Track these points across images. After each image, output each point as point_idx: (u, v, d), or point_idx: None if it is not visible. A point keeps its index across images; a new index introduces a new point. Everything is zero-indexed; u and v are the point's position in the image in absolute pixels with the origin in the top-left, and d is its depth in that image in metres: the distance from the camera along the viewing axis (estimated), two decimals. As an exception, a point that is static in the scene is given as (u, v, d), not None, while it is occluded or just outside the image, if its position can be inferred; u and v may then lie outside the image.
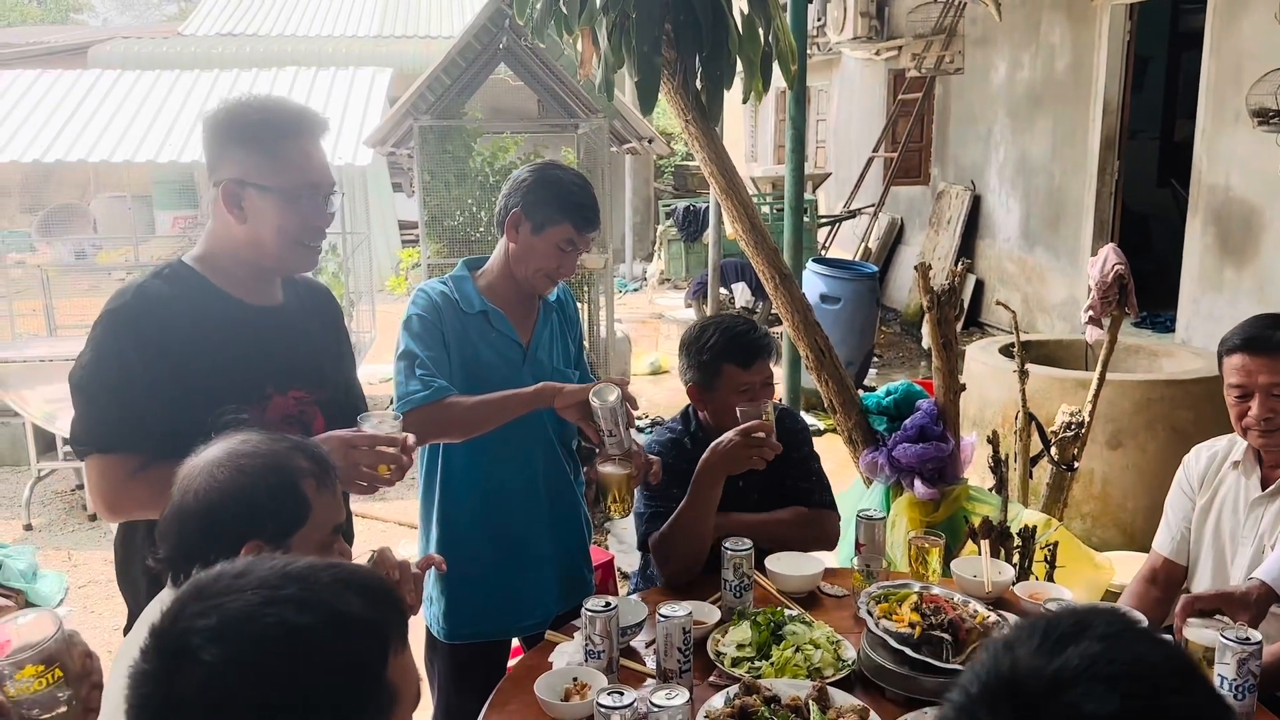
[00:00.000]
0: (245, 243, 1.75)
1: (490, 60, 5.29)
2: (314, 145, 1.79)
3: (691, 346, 2.31)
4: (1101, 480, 4.32)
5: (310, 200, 1.76)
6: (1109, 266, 3.47)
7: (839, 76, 12.35)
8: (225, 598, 0.87)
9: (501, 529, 2.18)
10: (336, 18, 14.67)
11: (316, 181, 1.77)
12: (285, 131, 1.74)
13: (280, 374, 1.78)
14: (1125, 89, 7.08)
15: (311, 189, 1.76)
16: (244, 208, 1.73)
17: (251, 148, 1.72)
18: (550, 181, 2.14)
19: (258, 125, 1.73)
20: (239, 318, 1.76)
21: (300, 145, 1.76)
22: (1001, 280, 8.64)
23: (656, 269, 11.36)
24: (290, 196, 1.74)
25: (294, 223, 1.75)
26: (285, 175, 1.73)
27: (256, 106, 1.75)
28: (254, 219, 1.73)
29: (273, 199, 1.72)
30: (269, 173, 1.72)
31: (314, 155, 1.79)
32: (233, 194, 1.73)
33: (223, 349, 1.71)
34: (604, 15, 2.97)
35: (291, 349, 1.82)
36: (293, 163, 1.74)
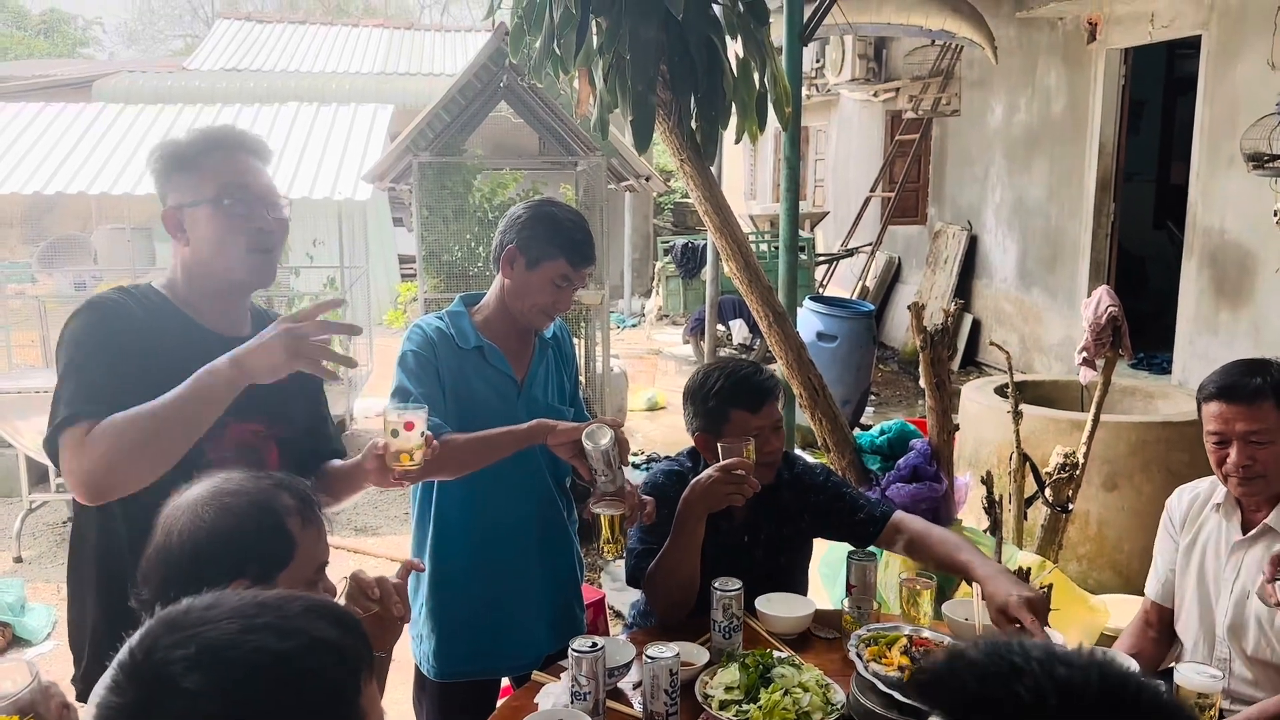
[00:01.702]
0: (194, 265, 1.73)
1: (491, 98, 5.35)
2: (243, 157, 1.75)
3: (697, 394, 2.28)
4: (1097, 522, 4.30)
5: (242, 202, 1.71)
6: (1102, 308, 3.48)
7: (837, 117, 12.46)
8: (201, 628, 0.86)
9: (493, 566, 2.16)
10: (340, 54, 14.84)
11: (244, 183, 1.73)
12: (209, 147, 1.73)
13: (239, 404, 1.68)
14: (1121, 132, 7.15)
15: (239, 190, 1.71)
16: (186, 230, 1.71)
17: (182, 170, 1.71)
18: (545, 218, 2.15)
19: (184, 147, 1.72)
20: (201, 343, 1.70)
21: (225, 155, 1.73)
22: (998, 320, 8.67)
23: (654, 305, 11.39)
24: (217, 202, 1.70)
25: (228, 227, 1.71)
26: (206, 186, 1.70)
27: (190, 135, 1.75)
28: (194, 238, 1.71)
29: (203, 210, 1.69)
30: (196, 187, 1.70)
31: (241, 162, 1.74)
32: (173, 220, 1.71)
33: (181, 369, 1.63)
34: (600, 56, 3.00)
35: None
36: (216, 170, 1.71)
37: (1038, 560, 3.23)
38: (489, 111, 5.66)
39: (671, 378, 8.89)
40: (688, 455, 2.41)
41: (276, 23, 16.87)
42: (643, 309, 12.12)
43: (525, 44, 3.06)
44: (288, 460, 1.80)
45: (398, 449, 1.72)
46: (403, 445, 1.72)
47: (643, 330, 11.39)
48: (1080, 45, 7.21)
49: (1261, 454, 2.03)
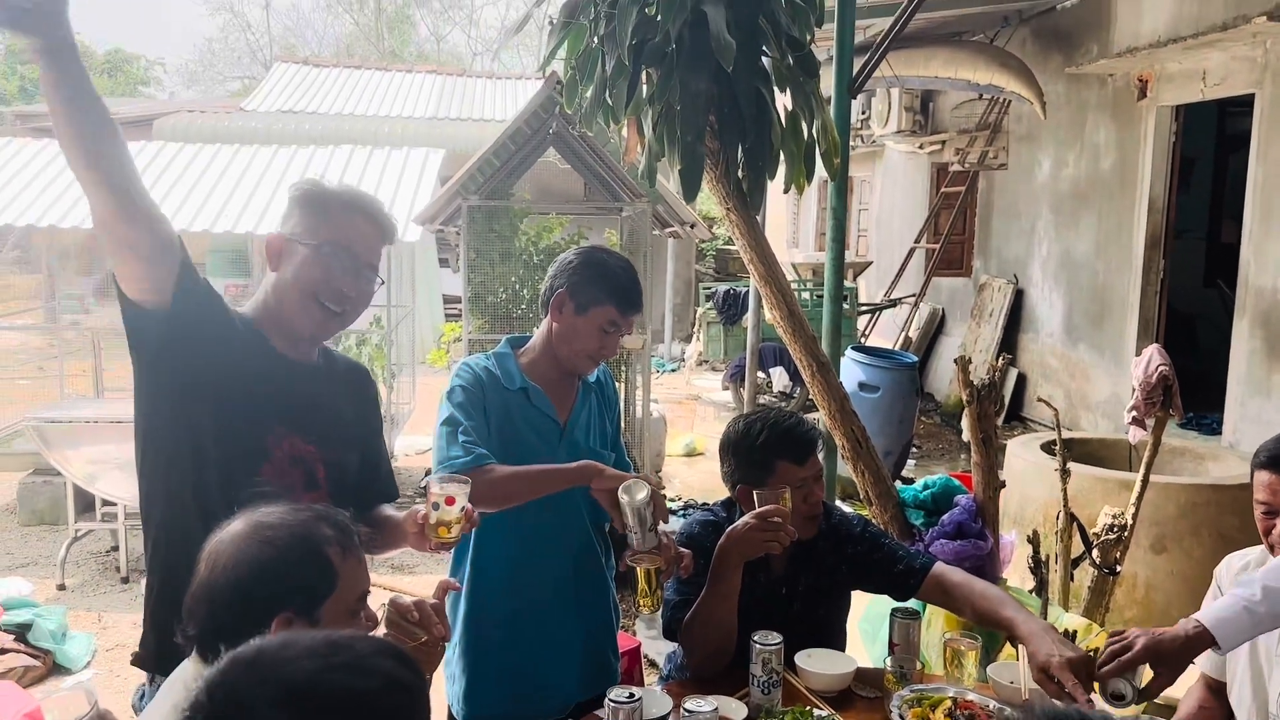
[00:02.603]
0: (274, 292, 1.82)
1: (540, 144, 5.43)
2: (365, 222, 1.85)
3: (739, 445, 2.25)
4: (1145, 585, 4.20)
5: (338, 260, 1.80)
6: (1153, 367, 3.42)
7: (882, 167, 12.47)
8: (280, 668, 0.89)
9: (530, 610, 2.16)
10: (393, 99, 15.16)
11: (349, 245, 1.82)
12: (342, 203, 1.83)
13: (294, 420, 1.81)
14: (1171, 189, 7.08)
15: (342, 250, 1.81)
16: (281, 259, 1.81)
17: (313, 210, 1.82)
18: (596, 264, 2.17)
19: (329, 194, 1.84)
20: (270, 359, 1.81)
21: (350, 215, 1.83)
22: (1044, 375, 8.56)
23: (695, 350, 11.39)
24: (318, 250, 1.79)
25: (314, 276, 1.79)
26: (322, 234, 1.80)
27: (331, 184, 1.88)
28: (283, 269, 1.81)
29: (303, 250, 1.79)
30: (309, 231, 1.80)
31: (360, 227, 1.84)
32: (276, 244, 1.82)
33: (246, 377, 1.76)
34: (649, 106, 3.04)
35: (312, 404, 1.85)
36: (335, 225, 1.81)
37: (1084, 623, 3.14)
38: (538, 157, 5.75)
39: (710, 423, 8.86)
40: (723, 505, 2.39)
41: (332, 67, 17.31)
42: (683, 354, 12.13)
43: (579, 93, 3.11)
44: (334, 485, 1.84)
45: (438, 521, 1.76)
46: (443, 518, 1.76)
47: (682, 375, 11.39)
48: (1130, 102, 7.17)
49: (1309, 526, 1.97)
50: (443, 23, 33.87)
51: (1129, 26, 7.10)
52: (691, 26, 2.86)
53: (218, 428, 1.72)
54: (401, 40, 32.49)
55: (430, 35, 33.86)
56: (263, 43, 33.99)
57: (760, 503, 2.10)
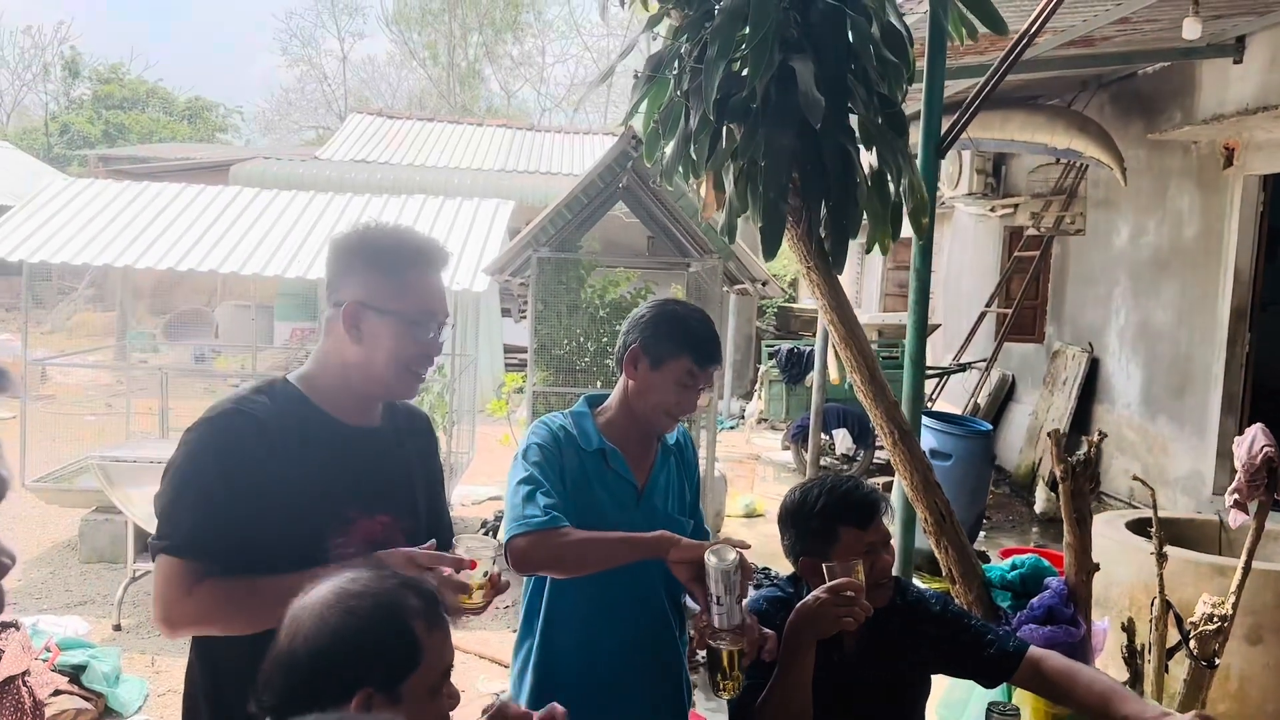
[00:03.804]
0: (356, 364, 1.74)
1: (610, 198, 5.41)
2: (437, 276, 1.80)
3: (798, 514, 2.13)
4: (1239, 678, 3.94)
5: (426, 328, 1.76)
6: (1258, 448, 3.22)
7: (950, 230, 12.31)
8: None
9: (601, 688, 2.05)
10: (464, 151, 15.44)
11: (435, 310, 1.78)
12: (413, 260, 1.76)
13: (368, 497, 1.74)
14: (1258, 260, 6.83)
15: (430, 317, 1.76)
16: (361, 329, 1.73)
17: (378, 271, 1.73)
18: (669, 316, 2.10)
19: (387, 251, 1.75)
20: (333, 436, 1.74)
21: (425, 274, 1.77)
22: (1119, 448, 8.25)
23: (755, 408, 11.24)
24: (409, 322, 1.73)
25: (409, 349, 1.74)
26: (408, 301, 1.73)
27: (387, 233, 1.78)
28: (369, 341, 1.73)
29: (392, 323, 1.72)
30: (392, 297, 1.72)
31: (436, 285, 1.79)
32: (354, 315, 1.73)
33: (312, 466, 1.69)
34: (732, 161, 2.98)
35: (382, 472, 1.79)
36: (416, 290, 1.74)
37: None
38: (606, 211, 5.73)
39: (770, 484, 8.69)
40: (789, 581, 2.25)
41: (405, 119, 17.71)
42: (742, 411, 11.97)
43: (659, 147, 3.06)
44: None
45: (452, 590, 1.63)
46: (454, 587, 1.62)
47: (741, 433, 11.23)
48: (1215, 170, 6.96)
49: None
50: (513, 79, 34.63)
51: (1214, 93, 6.92)
52: (778, 82, 2.80)
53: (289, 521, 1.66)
54: (472, 95, 33.24)
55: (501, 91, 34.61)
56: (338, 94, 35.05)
57: (831, 576, 1.96)
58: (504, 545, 1.97)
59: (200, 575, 1.60)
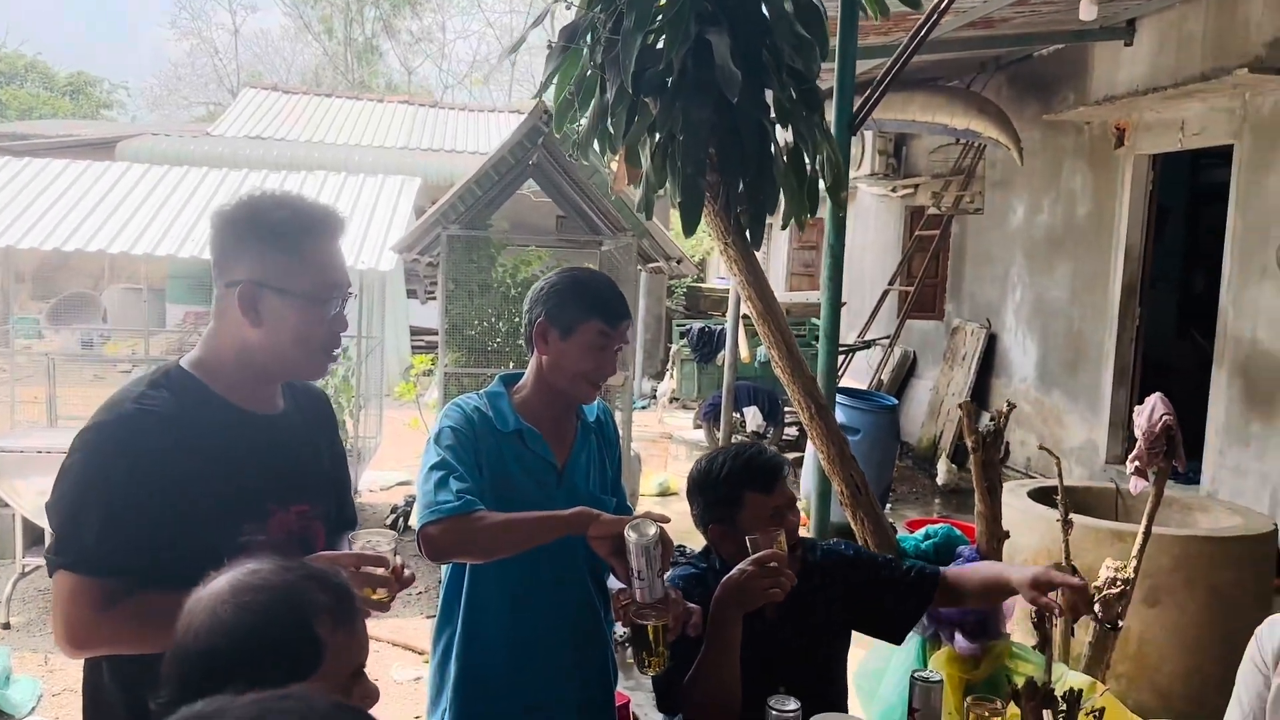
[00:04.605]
0: (258, 349, 1.62)
1: (521, 175, 5.32)
2: (336, 245, 1.68)
3: (705, 482, 2.16)
4: (1138, 640, 4.10)
5: (331, 304, 1.65)
6: (1158, 416, 3.34)
7: (854, 210, 12.51)
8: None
9: (526, 671, 2.00)
10: (365, 128, 15.03)
11: (338, 283, 1.66)
12: (309, 231, 1.63)
13: (282, 488, 1.64)
14: (1148, 238, 7.12)
15: (335, 291, 1.65)
16: (260, 311, 1.60)
17: (272, 247, 1.60)
18: (570, 282, 2.05)
19: (280, 224, 1.61)
20: (239, 428, 1.62)
21: (323, 246, 1.65)
22: (1017, 421, 8.52)
23: (667, 388, 11.28)
24: (314, 301, 1.62)
25: (316, 330, 1.64)
26: (309, 278, 1.62)
27: (277, 203, 1.64)
28: (271, 324, 1.61)
29: (295, 304, 1.61)
30: (292, 275, 1.60)
31: (336, 256, 1.68)
32: (250, 296, 1.60)
33: (221, 463, 1.57)
34: (649, 135, 2.94)
35: (293, 460, 1.69)
36: (316, 265, 1.63)
37: (1088, 681, 3.03)
38: (517, 188, 5.63)
39: (683, 462, 8.73)
40: (702, 555, 2.26)
41: (302, 94, 17.16)
42: (654, 391, 12.01)
43: (572, 119, 3.00)
44: (331, 539, 1.68)
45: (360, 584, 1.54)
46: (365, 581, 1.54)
47: (653, 413, 11.26)
48: (1107, 150, 7.22)
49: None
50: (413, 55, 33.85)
51: (1107, 75, 7.16)
52: (694, 55, 2.77)
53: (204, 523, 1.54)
54: (371, 71, 32.39)
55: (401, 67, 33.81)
56: (229, 69, 33.75)
57: (754, 549, 1.98)
58: (416, 534, 1.90)
59: (111, 593, 1.48)
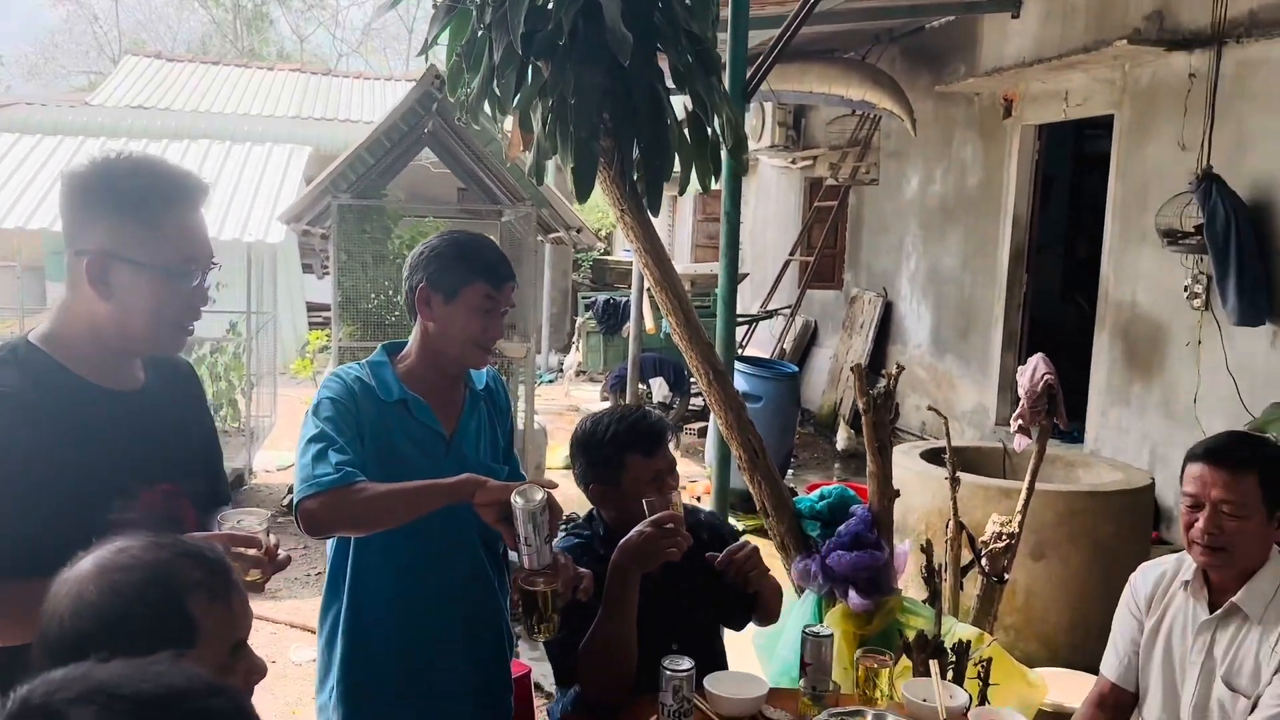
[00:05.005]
0: (109, 323, 1.53)
1: (415, 143, 5.20)
2: (196, 214, 1.59)
3: (588, 444, 2.18)
4: (1025, 592, 4.26)
5: (190, 277, 1.56)
6: (1039, 376, 3.45)
7: (755, 182, 12.63)
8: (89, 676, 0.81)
9: (416, 643, 1.96)
10: (254, 97, 14.48)
11: (198, 255, 1.57)
12: (167, 199, 1.53)
13: (145, 467, 1.55)
14: (1034, 206, 7.35)
15: (194, 265, 1.56)
16: (111, 283, 1.50)
17: (127, 216, 1.50)
18: (450, 245, 2.00)
19: (135, 191, 1.51)
20: (96, 406, 1.53)
21: (183, 215, 1.55)
22: (912, 387, 8.75)
23: (574, 361, 11.25)
24: (169, 274, 1.53)
25: (171, 304, 1.54)
26: (165, 250, 1.52)
27: (133, 168, 1.53)
28: (123, 297, 1.51)
29: (149, 277, 1.51)
30: (146, 246, 1.50)
31: (196, 226, 1.58)
32: (100, 268, 1.50)
33: (79, 444, 1.48)
34: (540, 99, 2.89)
35: (156, 438, 1.60)
36: (174, 235, 1.53)
37: (976, 633, 3.13)
38: (412, 157, 5.51)
39: (588, 436, 8.70)
40: (585, 523, 2.27)
41: (187, 62, 16.45)
42: (560, 365, 11.96)
43: (463, 83, 2.93)
44: (203, 517, 1.60)
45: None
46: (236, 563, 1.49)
47: (560, 386, 11.21)
48: (996, 120, 7.41)
49: (1230, 526, 1.97)
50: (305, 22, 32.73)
51: (995, 47, 7.34)
52: (585, 17, 2.73)
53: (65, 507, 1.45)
54: (261, 39, 31.22)
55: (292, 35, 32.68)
56: (110, 37, 32.09)
57: (651, 510, 1.99)
58: (294, 509, 1.84)
59: None
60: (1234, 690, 1.99)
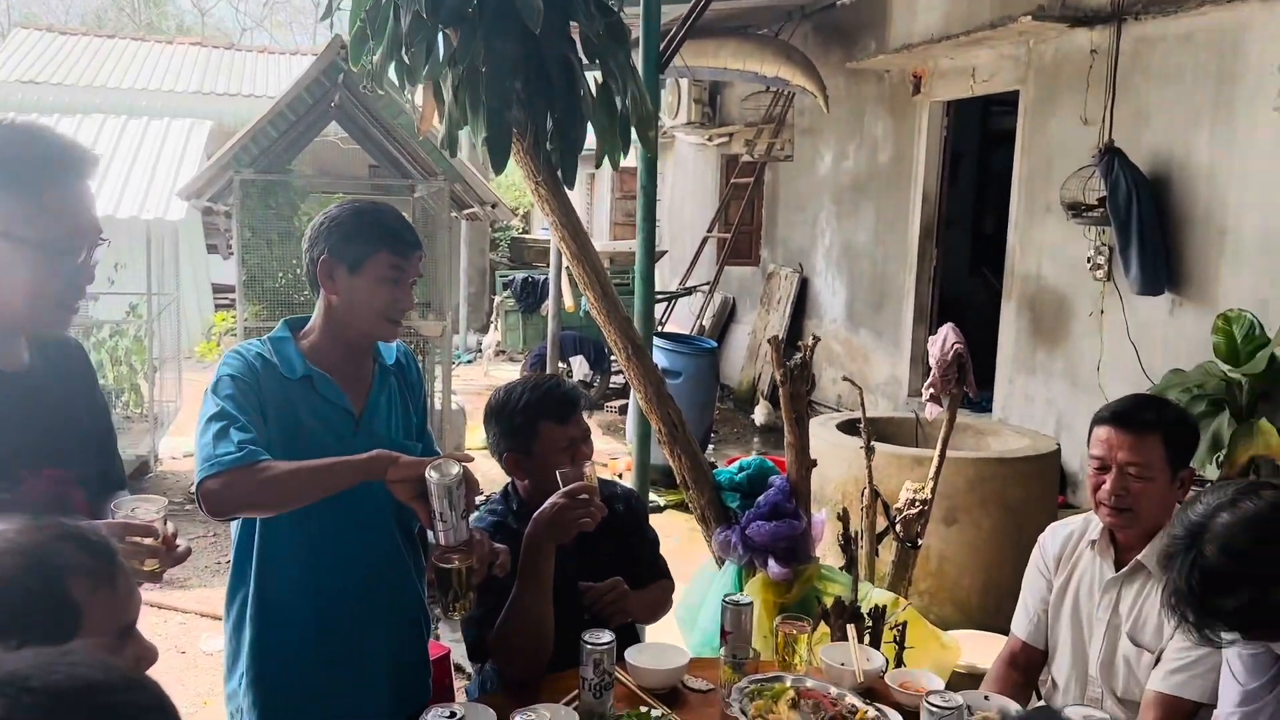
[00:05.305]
0: None
1: (321, 116, 5.04)
2: (82, 187, 1.50)
3: (501, 412, 2.16)
4: (938, 557, 4.36)
5: (74, 254, 1.47)
6: (949, 345, 3.52)
7: (672, 159, 12.63)
8: None
9: (329, 629, 1.89)
10: (153, 71, 13.91)
11: (83, 231, 1.48)
12: (48, 170, 1.44)
13: (32, 451, 1.47)
14: (943, 181, 7.48)
15: (78, 241, 1.47)
16: None
17: (5, 188, 1.41)
18: (351, 214, 1.92)
19: (13, 161, 1.42)
20: None
21: (67, 188, 1.46)
22: (828, 360, 8.88)
23: (493, 340, 11.13)
24: (52, 251, 1.44)
25: (54, 282, 1.46)
26: (47, 225, 1.43)
27: (13, 137, 1.45)
28: (1, 275, 1.43)
29: (30, 254, 1.42)
30: (26, 222, 1.42)
31: (82, 199, 1.49)
32: None
33: None
34: (451, 69, 2.82)
35: (43, 421, 1.52)
36: (56, 210, 1.44)
37: (891, 598, 3.19)
38: (319, 131, 5.34)
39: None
40: (501, 499, 2.24)
41: (81, 35, 15.70)
42: (479, 345, 11.83)
43: (368, 51, 2.84)
44: (95, 504, 1.52)
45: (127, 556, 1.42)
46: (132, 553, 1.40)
47: (479, 366, 11.09)
48: (906, 97, 7.52)
49: (1135, 487, 2.02)
50: (206, -5, 31.55)
51: (904, 24, 7.44)
52: (494, -16, 2.66)
53: None
54: (160, 12, 30.00)
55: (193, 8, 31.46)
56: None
57: (564, 481, 1.98)
58: (195, 490, 1.76)
59: None
60: (1138, 645, 2.06)
